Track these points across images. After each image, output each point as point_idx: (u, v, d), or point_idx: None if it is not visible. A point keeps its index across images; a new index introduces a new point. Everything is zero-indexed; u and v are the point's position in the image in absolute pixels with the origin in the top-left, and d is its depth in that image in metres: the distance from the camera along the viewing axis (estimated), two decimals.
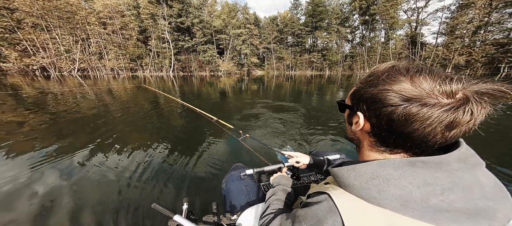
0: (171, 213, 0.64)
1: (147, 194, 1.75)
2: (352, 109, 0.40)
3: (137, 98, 7.11)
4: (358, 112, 0.37)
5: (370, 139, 0.38)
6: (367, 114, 0.36)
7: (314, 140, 3.08)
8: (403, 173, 0.31)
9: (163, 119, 4.22)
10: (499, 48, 22.17)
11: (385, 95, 0.32)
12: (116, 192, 1.78)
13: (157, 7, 29.57)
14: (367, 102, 0.35)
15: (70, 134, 3.27)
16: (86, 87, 10.24)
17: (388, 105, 0.31)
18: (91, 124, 3.84)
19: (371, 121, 0.35)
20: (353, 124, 0.41)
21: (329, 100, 7.29)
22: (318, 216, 0.35)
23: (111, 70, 29.00)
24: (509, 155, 2.46)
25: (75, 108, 5.19)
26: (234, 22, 34.19)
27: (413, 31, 32.09)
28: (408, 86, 0.30)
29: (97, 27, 26.57)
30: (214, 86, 12.74)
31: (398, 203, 0.30)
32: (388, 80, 0.32)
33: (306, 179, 1.04)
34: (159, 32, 30.89)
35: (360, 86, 0.38)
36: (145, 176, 2.02)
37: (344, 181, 0.35)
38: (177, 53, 34.21)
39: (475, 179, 0.30)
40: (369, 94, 0.34)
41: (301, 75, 31.80)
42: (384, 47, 33.96)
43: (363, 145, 0.41)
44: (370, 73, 0.37)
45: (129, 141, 2.92)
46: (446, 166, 0.30)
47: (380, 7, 31.31)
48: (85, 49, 27.08)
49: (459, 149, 0.32)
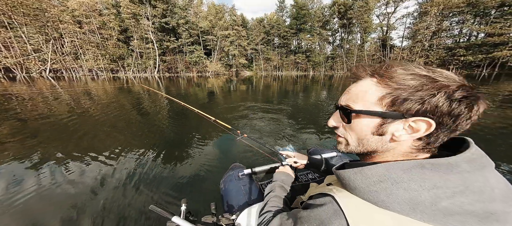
0: (169, 214, 0.62)
1: (144, 197, 1.70)
2: (398, 117, 0.32)
3: (127, 99, 6.65)
4: (424, 118, 0.31)
5: (416, 143, 0.34)
6: (437, 117, 0.30)
7: (310, 138, 3.05)
8: (412, 175, 0.29)
9: (157, 121, 3.98)
10: (449, 51, 26.20)
11: (457, 93, 0.29)
12: (113, 195, 1.71)
13: (139, 7, 27.91)
14: (437, 105, 0.29)
15: (53, 139, 2.94)
16: (58, 89, 9.26)
17: (465, 103, 0.29)
18: (72, 128, 3.47)
19: (442, 124, 0.31)
20: (389, 133, 0.34)
21: (316, 98, 7.54)
22: (322, 219, 0.33)
23: (90, 71, 26.65)
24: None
25: (47, 113, 4.65)
26: (221, 23, 33.60)
27: (384, 34, 34.86)
28: (448, 78, 0.30)
29: (71, 25, 24.19)
30: (202, 87, 12.39)
31: (407, 206, 0.28)
32: (437, 75, 0.31)
33: (304, 178, 1.03)
34: (142, 32, 29.18)
35: (404, 89, 0.31)
36: (142, 178, 1.96)
37: (350, 184, 0.34)
38: (162, 53, 32.65)
39: (485, 181, 0.29)
40: (438, 95, 0.29)
41: (288, 76, 32.40)
42: (360, 49, 36.30)
43: (393, 152, 0.36)
44: (399, 73, 0.33)
45: (124, 144, 2.75)
46: (457, 168, 0.29)
47: (356, 12, 33.48)
48: (58, 49, 24.49)
49: (469, 150, 0.31)
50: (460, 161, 0.30)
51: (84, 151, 2.53)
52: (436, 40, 27.38)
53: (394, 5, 32.87)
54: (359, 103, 0.36)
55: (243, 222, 0.72)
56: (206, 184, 1.89)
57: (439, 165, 0.29)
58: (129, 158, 2.36)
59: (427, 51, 28.01)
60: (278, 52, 41.89)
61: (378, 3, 33.72)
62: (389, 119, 0.33)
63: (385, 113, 0.33)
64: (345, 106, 0.38)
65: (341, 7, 35.51)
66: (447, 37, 27.48)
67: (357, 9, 33.46)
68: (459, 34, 26.73)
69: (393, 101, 0.32)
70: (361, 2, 33.08)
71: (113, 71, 28.88)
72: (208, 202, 0.79)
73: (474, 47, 23.87)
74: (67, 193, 1.74)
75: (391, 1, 32.37)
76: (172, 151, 2.55)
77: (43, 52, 23.03)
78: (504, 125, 3.44)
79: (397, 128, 0.33)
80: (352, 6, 34.46)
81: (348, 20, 35.29)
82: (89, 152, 2.50)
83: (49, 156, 2.39)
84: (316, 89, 11.10)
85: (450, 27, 26.90)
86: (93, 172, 2.07)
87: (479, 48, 23.35)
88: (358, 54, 35.91)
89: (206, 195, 1.75)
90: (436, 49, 27.09)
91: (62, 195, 1.72)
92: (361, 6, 32.83)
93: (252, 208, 0.76)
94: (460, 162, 0.30)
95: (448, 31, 27.22)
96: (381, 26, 35.30)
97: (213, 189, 1.81)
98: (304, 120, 4.17)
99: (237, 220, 0.74)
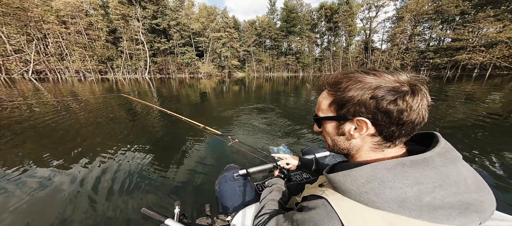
0: (162, 217, 0.60)
1: (136, 200, 1.64)
2: (343, 118, 0.37)
3: (116, 103, 6.42)
4: (360, 117, 0.34)
5: (374, 140, 0.37)
6: (371, 116, 0.34)
7: (302, 139, 3.04)
8: (396, 174, 0.31)
9: (146, 128, 3.75)
10: (420, 54, 28.28)
11: (380, 92, 0.32)
12: (104, 199, 1.65)
13: (129, 8, 27.06)
14: (365, 105, 0.33)
15: (45, 144, 2.83)
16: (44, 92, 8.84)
17: (389, 100, 0.32)
18: (60, 132, 3.32)
19: (378, 121, 0.34)
20: (347, 133, 0.38)
21: (306, 98, 7.52)
22: (316, 221, 0.34)
23: (76, 73, 25.39)
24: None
25: (28, 116, 4.49)
26: (213, 25, 33.29)
27: (367, 38, 36.51)
28: (382, 80, 0.33)
29: (56, 26, 22.94)
30: (194, 88, 12.19)
31: (395, 205, 0.29)
32: (371, 79, 0.33)
33: (298, 177, 1.03)
34: (131, 33, 28.28)
35: (342, 94, 0.36)
36: (133, 182, 1.90)
37: (341, 187, 0.35)
38: (153, 55, 31.85)
39: (458, 173, 0.30)
40: (365, 96, 0.33)
41: (279, 76, 32.78)
42: (346, 51, 37.73)
43: (362, 150, 0.39)
44: (340, 81, 0.37)
45: (113, 149, 2.65)
46: (432, 163, 0.30)
47: (341, 16, 34.80)
48: (42, 49, 23.13)
49: (439, 145, 0.33)
50: (433, 156, 0.31)
51: (66, 156, 2.43)
52: (410, 43, 29.30)
53: (376, 10, 34.57)
54: (320, 111, 0.42)
55: (239, 223, 0.70)
56: (200, 186, 1.84)
57: (416, 162, 0.31)
58: (119, 162, 2.28)
59: (403, 54, 29.83)
60: (270, 54, 42.27)
61: (362, 8, 35.30)
62: (341, 121, 0.38)
63: (334, 116, 0.39)
64: (314, 115, 0.44)
65: (328, 11, 36.70)
66: (419, 41, 29.51)
67: (342, 13, 34.78)
68: (429, 39, 28.83)
69: (337, 106, 0.38)
70: (346, 7, 34.47)
71: (101, 73, 27.72)
72: (203, 204, 0.78)
73: (441, 51, 25.94)
74: (56, 198, 1.67)
75: (373, 5, 34.00)
76: (164, 155, 2.48)
77: (25, 53, 21.63)
78: (468, 120, 3.72)
79: (350, 128, 0.37)
80: (338, 10, 35.77)
81: (334, 23, 36.50)
82: (75, 157, 2.41)
83: (37, 161, 2.29)
84: (306, 89, 11.32)
85: (422, 32, 28.92)
86: (82, 176, 2.00)
87: (445, 51, 25.42)
88: (344, 56, 37.31)
89: (200, 197, 1.69)
90: (411, 52, 28.98)
91: (51, 200, 1.66)
92: (345, 11, 34.21)
93: (247, 209, 0.74)
94: (434, 157, 0.31)
95: (420, 36, 29.22)
96: (364, 30, 36.92)
97: (207, 191, 1.76)
98: (296, 120, 4.14)
99: (232, 221, 0.71)
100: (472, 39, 22.17)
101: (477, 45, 21.87)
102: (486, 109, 4.63)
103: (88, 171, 2.09)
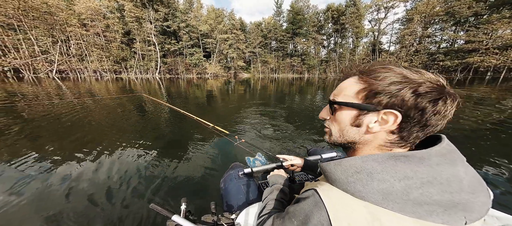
0: (169, 213, 0.62)
1: (145, 196, 1.70)
2: (369, 109, 0.34)
3: (130, 101, 6.65)
4: (392, 110, 0.32)
5: (389, 137, 0.35)
6: (404, 111, 0.32)
7: (308, 138, 3.01)
8: (385, 167, 0.30)
9: (158, 123, 3.88)
10: (430, 57, 27.22)
11: (424, 89, 0.30)
12: (113, 194, 1.71)
13: (142, 11, 28.35)
14: (404, 99, 0.31)
15: (57, 139, 2.91)
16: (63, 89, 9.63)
17: (432, 99, 0.30)
18: (76, 131, 3.38)
19: (409, 117, 0.32)
20: (363, 125, 0.36)
21: (311, 100, 7.48)
22: (305, 212, 0.35)
23: (94, 72, 27.02)
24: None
25: (48, 112, 4.85)
26: (220, 27, 33.93)
27: (375, 39, 35.43)
28: (427, 78, 0.31)
29: (78, 28, 24.62)
30: (201, 88, 12.47)
31: (380, 196, 0.29)
32: (413, 74, 0.32)
33: (304, 177, 1.02)
34: (144, 35, 29.58)
35: (378, 83, 0.33)
36: (143, 178, 1.95)
37: (331, 176, 0.35)
38: (164, 56, 33.04)
39: (454, 173, 0.30)
40: (406, 90, 0.31)
41: (284, 78, 32.62)
42: (352, 53, 36.86)
43: (369, 145, 0.37)
44: (377, 70, 0.34)
45: (124, 145, 2.73)
46: (427, 161, 0.30)
47: (348, 18, 34.06)
48: (64, 51, 24.90)
49: (440, 145, 0.33)
50: (431, 154, 0.30)
51: (83, 151, 2.51)
52: (419, 45, 28.26)
53: (385, 11, 33.46)
54: (340, 96, 0.39)
55: (243, 221, 0.70)
56: (206, 184, 1.86)
57: (411, 157, 0.30)
58: (130, 158, 2.34)
59: (411, 56, 28.74)
60: (275, 55, 42.23)
61: (370, 9, 34.31)
62: (364, 110, 0.35)
63: (360, 104, 0.35)
64: (331, 100, 0.41)
65: (335, 12, 36.02)
66: (430, 43, 28.40)
67: (349, 15, 34.01)
68: (440, 41, 27.63)
69: (367, 94, 0.34)
70: (353, 8, 33.66)
71: (116, 72, 29.27)
72: (208, 202, 0.75)
73: (452, 53, 24.77)
74: (66, 192, 1.72)
75: (382, 7, 32.94)
76: (172, 153, 2.51)
77: (51, 54, 23.41)
78: (478, 124, 3.58)
79: (371, 119, 0.35)
80: (345, 12, 34.99)
81: (341, 25, 35.78)
82: (88, 152, 2.49)
83: (48, 155, 2.36)
84: (312, 91, 11.00)
85: (432, 34, 27.79)
86: (94, 171, 2.04)
87: (456, 54, 24.23)
88: (350, 58, 36.50)
89: (206, 194, 1.72)
90: (420, 54, 27.93)
91: (61, 194, 1.71)
92: (352, 13, 33.45)
93: (251, 207, 0.74)
94: (432, 155, 0.30)
95: (431, 37, 28.08)
96: (373, 31, 35.85)
97: (213, 189, 1.78)
98: (302, 120, 4.09)
99: (237, 219, 0.72)
100: (486, 41, 20.99)
101: (491, 47, 20.66)
102: (501, 113, 4.31)
103: (100, 166, 2.17)
